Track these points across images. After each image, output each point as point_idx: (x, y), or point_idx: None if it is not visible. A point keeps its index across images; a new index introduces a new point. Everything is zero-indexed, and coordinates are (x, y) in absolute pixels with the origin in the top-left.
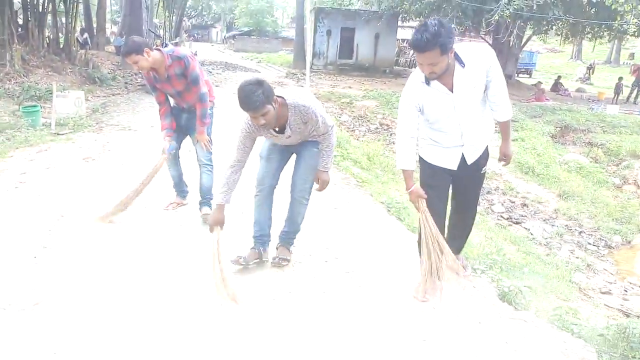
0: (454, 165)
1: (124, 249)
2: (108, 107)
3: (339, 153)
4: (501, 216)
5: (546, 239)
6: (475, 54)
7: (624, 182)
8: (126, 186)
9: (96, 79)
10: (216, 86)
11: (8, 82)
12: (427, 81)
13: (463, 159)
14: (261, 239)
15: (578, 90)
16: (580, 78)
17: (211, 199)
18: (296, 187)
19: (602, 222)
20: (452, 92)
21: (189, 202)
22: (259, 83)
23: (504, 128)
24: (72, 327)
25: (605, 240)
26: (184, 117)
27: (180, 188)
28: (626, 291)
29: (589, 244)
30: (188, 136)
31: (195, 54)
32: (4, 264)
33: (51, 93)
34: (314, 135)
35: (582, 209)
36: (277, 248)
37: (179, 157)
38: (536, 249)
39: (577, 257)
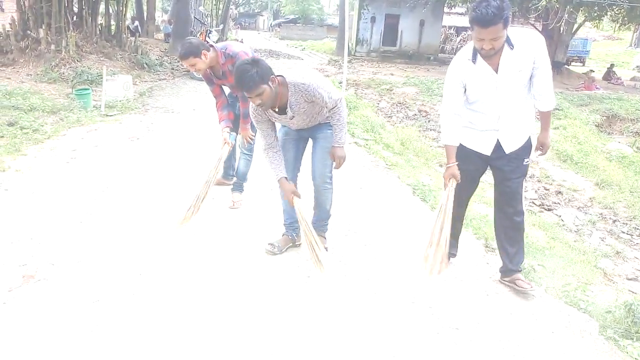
0: (487, 150)
1: (157, 217)
2: (154, 91)
3: (372, 137)
4: (533, 202)
5: (577, 226)
6: (526, 39)
7: None
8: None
9: (144, 65)
10: None
11: (63, 67)
12: (474, 58)
13: (500, 146)
14: (292, 225)
15: (633, 79)
16: (637, 66)
17: (244, 183)
18: (316, 172)
19: (639, 211)
20: (497, 73)
21: (232, 183)
22: (254, 62)
23: (544, 118)
24: (110, 279)
25: None
26: (238, 106)
27: (227, 169)
28: None
29: (623, 232)
30: None
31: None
32: (56, 226)
33: (102, 77)
34: (324, 116)
35: (619, 198)
36: None
37: (234, 140)
38: (565, 235)
39: (607, 245)
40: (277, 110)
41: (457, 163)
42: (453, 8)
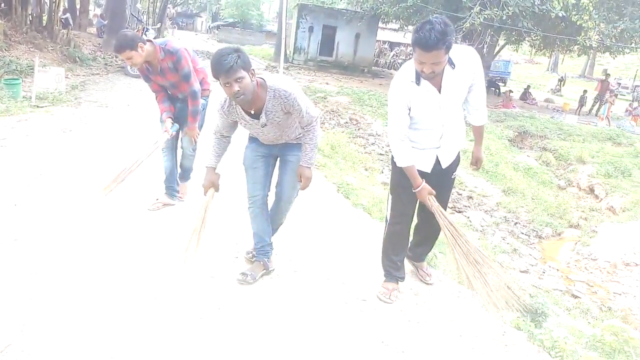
0: (428, 168)
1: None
2: (87, 85)
3: None
4: None
5: (483, 226)
6: (464, 57)
7: (569, 184)
8: (103, 157)
9: (77, 59)
10: None
11: None
12: (418, 80)
13: (438, 163)
14: (263, 249)
15: (546, 100)
16: (551, 89)
17: (190, 174)
18: (284, 194)
19: (537, 216)
20: (440, 92)
21: (176, 203)
22: (236, 49)
23: (478, 132)
24: (46, 255)
25: (537, 231)
26: (178, 107)
27: (171, 184)
28: (544, 272)
29: (522, 233)
30: None
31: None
32: None
33: (32, 68)
34: (297, 136)
35: (522, 204)
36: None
37: (175, 148)
38: (470, 234)
39: (507, 243)
40: (252, 112)
41: (423, 184)
42: (387, 24)
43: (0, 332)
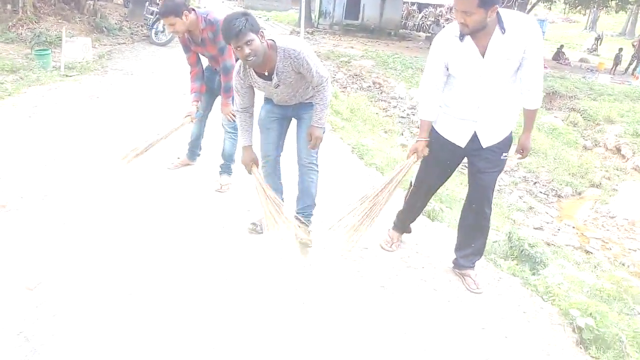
0: (462, 142)
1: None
2: (113, 54)
3: None
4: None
5: (500, 186)
6: (520, 24)
7: (595, 144)
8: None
9: (103, 29)
10: None
11: (20, 27)
12: (462, 37)
13: (476, 139)
14: None
15: (581, 60)
16: (587, 49)
17: (232, 165)
18: (302, 153)
19: (558, 175)
20: (484, 57)
21: (194, 164)
22: (244, 13)
23: (528, 117)
24: (73, 210)
25: (556, 191)
26: (217, 80)
27: (194, 149)
28: (558, 230)
29: (540, 192)
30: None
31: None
32: (23, 169)
33: (61, 39)
34: (310, 95)
35: (543, 164)
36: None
37: (206, 118)
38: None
39: (524, 202)
40: (265, 74)
41: (426, 140)
42: None
43: (34, 272)
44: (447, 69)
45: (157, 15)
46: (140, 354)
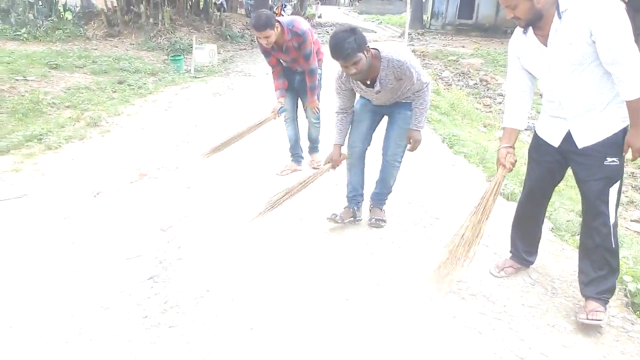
0: (555, 141)
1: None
2: (235, 58)
3: None
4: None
5: None
6: (578, 4)
7: None
8: (244, 114)
9: (227, 36)
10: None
11: (159, 37)
12: (525, 30)
13: (572, 139)
14: (355, 198)
15: None
16: None
17: (318, 146)
18: (389, 150)
19: None
20: (547, 46)
21: (303, 168)
22: (352, 31)
23: (630, 109)
24: (198, 177)
25: None
26: (297, 79)
27: (296, 151)
28: None
29: None
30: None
31: (320, 17)
32: (159, 148)
33: (192, 46)
34: (407, 96)
35: None
36: (370, 210)
37: (296, 118)
38: None
39: (625, 197)
40: (367, 83)
41: (508, 147)
42: None
43: (166, 219)
44: (525, 69)
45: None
46: (233, 275)
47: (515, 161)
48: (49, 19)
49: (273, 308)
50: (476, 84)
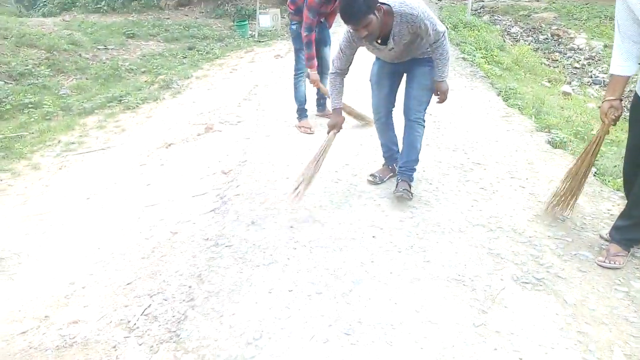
0: None
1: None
2: None
3: (482, 55)
4: None
5: None
6: None
7: None
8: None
9: None
10: None
11: (227, 4)
12: None
13: None
14: (391, 157)
15: None
16: None
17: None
18: (411, 109)
19: None
20: None
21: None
22: None
23: None
24: (256, 129)
25: None
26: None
27: (305, 108)
28: None
29: None
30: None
31: None
32: (224, 104)
33: (256, 12)
34: (423, 50)
35: None
36: (397, 182)
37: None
38: None
39: None
40: (380, 41)
41: (613, 99)
42: None
43: (227, 164)
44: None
45: None
46: None
47: (620, 115)
48: None
49: (313, 230)
50: (547, 38)
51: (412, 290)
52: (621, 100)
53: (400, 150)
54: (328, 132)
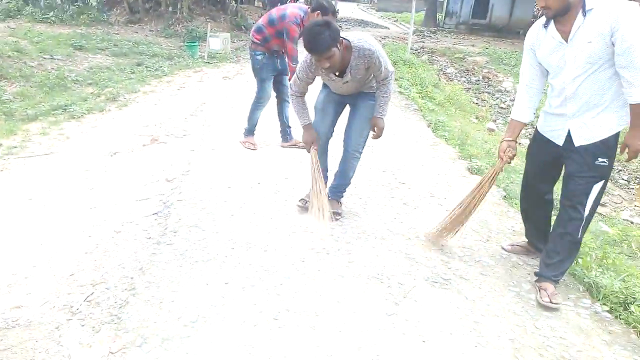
0: (559, 139)
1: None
2: (247, 47)
3: (418, 91)
4: None
5: None
6: (605, 4)
7: None
8: (249, 93)
9: (242, 26)
10: None
11: (177, 25)
12: (547, 23)
13: (569, 137)
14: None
15: None
16: None
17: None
18: (351, 140)
19: None
20: (567, 42)
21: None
22: (327, 24)
23: (633, 113)
24: (197, 146)
25: None
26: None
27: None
28: (622, 209)
29: (622, 179)
30: None
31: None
32: (172, 120)
33: (207, 34)
34: (371, 85)
35: None
36: (328, 199)
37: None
38: None
39: None
40: (336, 73)
41: (510, 140)
42: None
43: (172, 172)
44: (540, 62)
45: None
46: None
47: (514, 155)
48: (75, 3)
49: (251, 233)
50: (478, 80)
51: (336, 285)
52: (516, 142)
53: (334, 173)
54: (308, 151)
